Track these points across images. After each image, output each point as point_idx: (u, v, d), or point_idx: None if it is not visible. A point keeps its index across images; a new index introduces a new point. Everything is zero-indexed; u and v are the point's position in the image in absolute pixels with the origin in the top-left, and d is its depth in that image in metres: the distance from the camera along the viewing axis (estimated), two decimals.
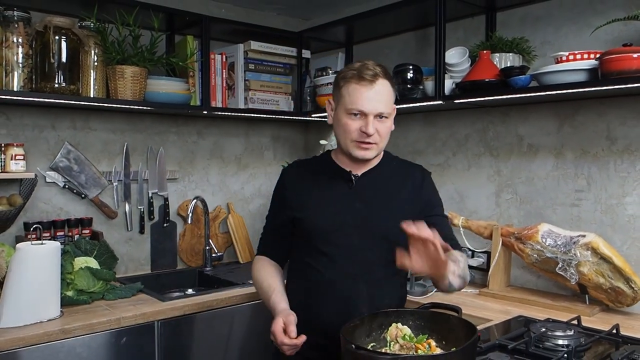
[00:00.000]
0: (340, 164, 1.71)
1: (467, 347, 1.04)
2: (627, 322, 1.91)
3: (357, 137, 1.59)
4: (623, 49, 1.82)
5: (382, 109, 1.59)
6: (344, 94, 1.60)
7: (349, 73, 1.60)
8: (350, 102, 1.58)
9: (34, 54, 2.24)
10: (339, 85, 1.63)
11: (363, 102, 1.56)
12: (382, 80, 1.59)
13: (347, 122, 1.59)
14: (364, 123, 1.58)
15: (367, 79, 1.56)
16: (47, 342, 1.88)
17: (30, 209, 2.49)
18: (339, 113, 1.63)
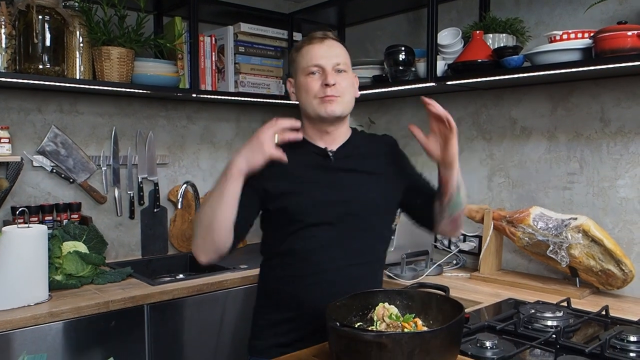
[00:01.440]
0: (312, 139, 1.63)
1: (453, 325, 1.02)
2: (616, 304, 1.90)
3: (319, 93, 1.55)
4: (617, 26, 1.80)
5: (338, 60, 1.57)
6: (297, 59, 1.60)
7: (300, 43, 1.63)
8: (305, 62, 1.57)
9: (17, 35, 2.20)
10: (293, 58, 1.64)
11: (317, 58, 1.55)
12: (333, 40, 1.60)
13: (307, 81, 1.57)
14: (324, 77, 1.55)
15: (317, 38, 1.58)
16: (35, 325, 1.86)
17: (18, 193, 2.46)
18: (298, 80, 1.60)
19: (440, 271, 2.42)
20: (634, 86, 2.06)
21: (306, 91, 1.57)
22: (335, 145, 1.63)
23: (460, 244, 2.55)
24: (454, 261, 2.54)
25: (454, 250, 2.55)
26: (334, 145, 1.63)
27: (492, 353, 1.39)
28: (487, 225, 2.32)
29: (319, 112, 1.56)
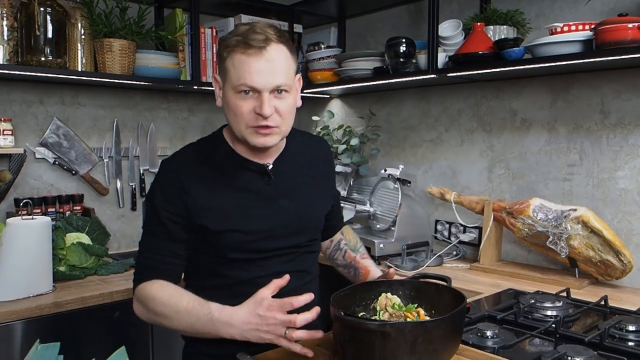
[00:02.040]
0: (243, 153, 1.38)
1: (455, 314, 1.04)
2: (615, 295, 1.92)
3: (252, 122, 1.27)
4: (618, 19, 1.80)
5: (279, 81, 1.26)
6: (228, 67, 1.27)
7: (233, 40, 1.26)
8: (237, 77, 1.25)
9: (19, 27, 2.20)
10: (223, 56, 1.29)
11: (252, 76, 1.24)
12: (276, 45, 1.26)
13: (237, 103, 1.27)
14: (258, 103, 1.26)
15: (254, 46, 1.24)
16: (40, 316, 1.88)
17: (21, 185, 2.47)
18: (226, 92, 1.29)
19: (440, 262, 2.44)
20: (634, 78, 2.07)
21: (235, 114, 1.29)
22: (272, 157, 1.41)
23: (461, 235, 2.57)
24: (454, 252, 2.56)
25: (454, 241, 2.57)
26: (270, 158, 1.41)
27: (492, 342, 1.40)
28: (487, 217, 2.33)
29: (249, 142, 1.31)
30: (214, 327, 1.21)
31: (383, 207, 2.60)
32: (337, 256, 1.68)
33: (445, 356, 1.08)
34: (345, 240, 1.69)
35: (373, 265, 1.63)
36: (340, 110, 3.21)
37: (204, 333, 1.24)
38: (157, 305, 1.30)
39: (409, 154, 2.87)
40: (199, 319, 1.22)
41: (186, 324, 1.25)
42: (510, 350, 1.36)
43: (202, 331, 1.23)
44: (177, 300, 1.26)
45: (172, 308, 1.26)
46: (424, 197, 2.77)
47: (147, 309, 1.33)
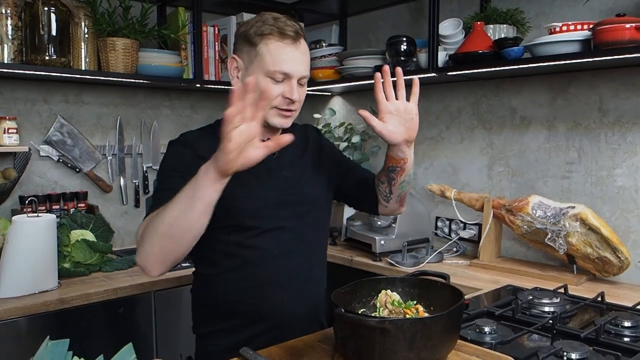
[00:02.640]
0: None
1: (453, 311, 1.07)
2: (612, 291, 1.95)
3: (279, 104, 1.38)
4: (616, 19, 1.82)
5: (307, 71, 1.41)
6: (263, 52, 1.36)
7: (267, 28, 1.36)
8: (273, 63, 1.35)
9: (23, 26, 2.22)
10: (253, 41, 1.37)
11: (289, 64, 1.36)
12: (303, 40, 1.41)
13: (268, 86, 1.35)
14: (288, 88, 1.37)
15: (290, 36, 1.36)
16: (46, 312, 1.91)
17: (25, 182, 2.50)
18: (255, 75, 1.36)
19: (440, 258, 2.47)
20: (632, 77, 2.09)
21: None
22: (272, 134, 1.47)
23: (461, 232, 2.59)
24: (454, 249, 2.59)
25: (454, 238, 2.60)
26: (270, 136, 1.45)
27: (490, 338, 1.43)
28: (486, 214, 2.36)
29: (271, 122, 1.41)
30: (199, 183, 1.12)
31: None
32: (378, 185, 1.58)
33: (444, 352, 1.10)
34: None
35: None
36: (342, 107, 3.24)
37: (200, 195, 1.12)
38: (151, 222, 1.20)
39: None
40: (182, 192, 1.14)
41: (176, 207, 1.14)
42: (507, 345, 1.39)
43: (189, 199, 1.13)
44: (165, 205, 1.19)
45: (162, 210, 1.18)
46: (425, 194, 2.79)
47: (144, 238, 1.22)
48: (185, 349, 2.24)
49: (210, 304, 1.50)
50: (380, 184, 1.55)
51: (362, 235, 2.58)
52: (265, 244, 1.44)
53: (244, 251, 1.43)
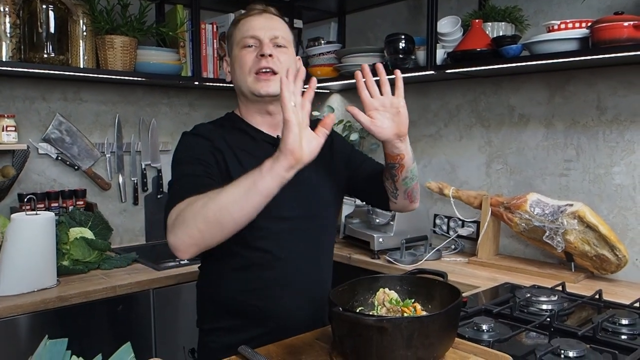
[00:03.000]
0: (257, 125, 1.49)
1: (450, 310, 1.07)
2: (610, 288, 1.95)
3: (253, 66, 1.41)
4: (614, 17, 1.82)
5: (277, 32, 1.44)
6: (234, 33, 1.47)
7: (238, 17, 1.50)
8: (240, 34, 1.44)
9: (22, 24, 2.22)
10: (229, 32, 1.51)
11: (254, 29, 1.43)
12: (273, 15, 1.49)
13: (241, 54, 1.43)
14: (259, 49, 1.41)
15: (256, 10, 1.48)
16: (45, 310, 1.92)
17: (24, 180, 2.50)
18: (233, 54, 1.46)
19: (438, 256, 2.47)
20: (630, 75, 2.10)
21: (240, 65, 1.43)
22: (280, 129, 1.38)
23: (459, 230, 2.60)
24: (453, 246, 2.59)
25: (453, 235, 2.60)
26: (279, 130, 1.39)
27: (488, 336, 1.43)
28: (485, 211, 2.36)
29: (253, 90, 1.42)
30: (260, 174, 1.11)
31: None
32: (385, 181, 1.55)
33: (441, 350, 1.11)
34: None
35: None
36: (340, 105, 3.24)
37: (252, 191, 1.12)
38: (195, 204, 1.18)
39: None
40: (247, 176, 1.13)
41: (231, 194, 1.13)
42: (505, 343, 1.39)
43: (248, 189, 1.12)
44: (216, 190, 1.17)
45: (212, 194, 1.16)
46: (423, 192, 2.78)
47: (184, 219, 1.19)
48: (185, 345, 2.25)
49: (214, 301, 1.51)
50: (385, 180, 1.53)
51: (360, 233, 2.59)
52: (272, 246, 1.43)
53: (250, 252, 1.43)
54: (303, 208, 1.48)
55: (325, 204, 1.55)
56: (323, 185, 1.54)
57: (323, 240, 1.56)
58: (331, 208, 1.59)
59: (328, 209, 1.57)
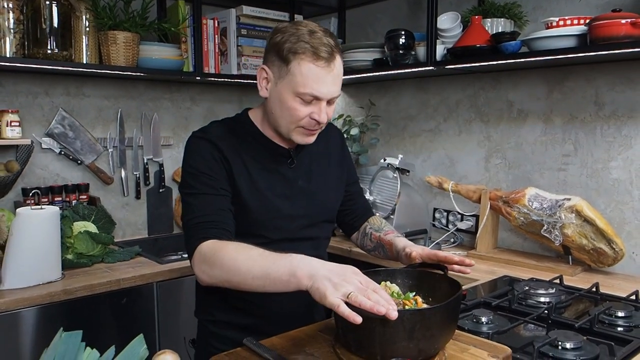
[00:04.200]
0: (270, 137, 1.47)
1: (451, 302, 1.10)
2: (607, 281, 1.98)
3: (305, 124, 1.37)
4: (611, 14, 1.84)
5: (338, 92, 1.37)
6: (294, 72, 1.32)
7: (301, 46, 1.31)
8: (303, 84, 1.32)
9: (25, 20, 2.24)
10: (285, 57, 1.33)
11: (320, 87, 1.32)
12: (338, 57, 1.35)
13: (296, 106, 1.35)
14: (317, 109, 1.35)
15: (324, 58, 1.31)
16: (50, 303, 1.94)
17: (28, 175, 2.52)
18: (282, 92, 1.35)
19: (438, 249, 2.50)
20: (627, 71, 2.12)
21: (290, 115, 1.36)
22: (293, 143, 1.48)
23: (458, 223, 2.63)
24: (452, 239, 2.62)
25: (452, 229, 2.63)
26: (292, 143, 1.48)
27: (487, 328, 1.47)
28: (483, 205, 2.39)
29: (293, 138, 1.41)
30: (291, 266, 1.11)
31: (382, 196, 2.66)
32: (366, 242, 1.69)
33: (442, 341, 1.13)
34: (370, 224, 1.70)
35: (396, 237, 1.60)
36: (341, 100, 3.26)
37: (275, 278, 1.13)
38: (225, 256, 1.22)
39: (408, 144, 2.92)
40: (275, 261, 1.14)
41: (260, 268, 1.15)
42: (503, 335, 1.42)
43: (275, 274, 1.13)
44: (247, 249, 1.22)
45: (243, 255, 1.20)
46: (423, 186, 2.82)
47: (212, 265, 1.24)
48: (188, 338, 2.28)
49: (211, 298, 1.53)
50: (369, 244, 1.67)
51: None
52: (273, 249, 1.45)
53: None
54: (308, 219, 1.50)
55: (328, 214, 1.58)
56: (328, 194, 1.57)
57: (323, 244, 1.60)
58: (333, 216, 1.62)
59: (330, 218, 1.60)
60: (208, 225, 1.33)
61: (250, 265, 1.17)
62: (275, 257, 1.15)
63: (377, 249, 1.66)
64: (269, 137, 1.47)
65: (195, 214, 1.36)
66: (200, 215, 1.35)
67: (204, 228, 1.32)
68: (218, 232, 1.32)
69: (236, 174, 1.41)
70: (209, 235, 1.31)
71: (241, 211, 1.42)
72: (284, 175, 1.47)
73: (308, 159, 1.53)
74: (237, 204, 1.41)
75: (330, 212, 1.60)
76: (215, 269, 1.24)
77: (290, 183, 1.48)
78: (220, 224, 1.34)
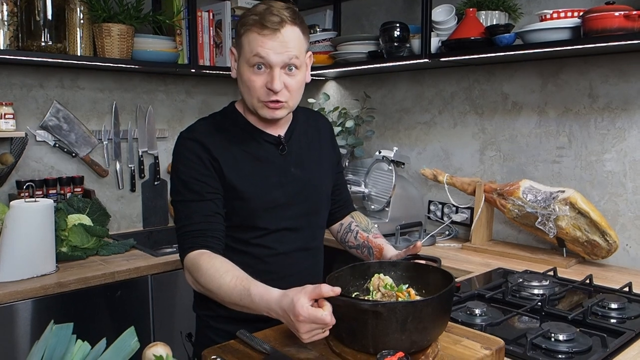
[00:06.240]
0: (257, 125, 1.48)
1: (444, 294, 1.10)
2: (600, 273, 1.99)
3: (263, 96, 1.38)
4: (605, 7, 1.85)
5: (291, 54, 1.36)
6: (244, 43, 1.37)
7: (250, 19, 1.35)
8: (250, 51, 1.35)
9: (19, 12, 2.22)
10: (239, 32, 1.39)
11: (265, 51, 1.34)
12: (290, 26, 1.36)
13: (250, 77, 1.37)
14: (270, 78, 1.36)
15: (269, 27, 1.33)
16: (44, 295, 1.94)
17: (22, 167, 2.52)
18: (240, 67, 1.40)
19: (433, 242, 2.51)
20: (621, 64, 2.12)
21: (248, 88, 1.39)
22: (283, 129, 1.51)
23: (453, 216, 2.63)
24: (447, 232, 2.63)
25: (447, 221, 2.64)
26: (281, 129, 1.51)
27: (481, 320, 1.48)
28: (478, 198, 2.40)
29: (259, 113, 1.42)
30: (257, 308, 1.19)
31: (377, 188, 2.66)
32: (349, 238, 1.71)
33: (435, 333, 1.14)
34: (356, 222, 1.72)
35: (386, 244, 1.65)
36: (336, 92, 3.25)
37: (249, 310, 1.22)
38: (202, 277, 1.29)
39: (403, 136, 2.92)
40: (242, 299, 1.21)
41: (229, 300, 1.25)
42: (497, 327, 1.43)
43: (246, 309, 1.22)
44: (221, 275, 1.26)
45: (216, 282, 1.26)
46: (418, 179, 2.83)
47: (195, 280, 1.34)
48: (182, 330, 2.28)
49: None
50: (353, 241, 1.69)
51: None
52: (271, 243, 1.47)
53: (250, 248, 1.46)
54: (303, 206, 1.51)
55: (322, 201, 1.59)
56: (321, 180, 1.58)
57: (319, 234, 1.60)
58: (326, 203, 1.63)
59: (324, 204, 1.61)
60: (195, 234, 1.37)
61: (222, 295, 1.26)
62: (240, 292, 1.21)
63: (362, 248, 1.68)
64: (255, 126, 1.48)
65: (183, 222, 1.39)
66: (187, 224, 1.38)
67: (191, 237, 1.37)
68: (205, 240, 1.36)
69: (227, 170, 1.41)
70: (194, 245, 1.35)
71: (238, 205, 1.42)
72: (276, 163, 1.48)
73: (298, 146, 1.53)
74: (233, 198, 1.42)
75: (325, 199, 1.60)
76: (199, 285, 1.33)
77: (284, 170, 1.48)
78: (207, 231, 1.37)
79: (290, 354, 1.15)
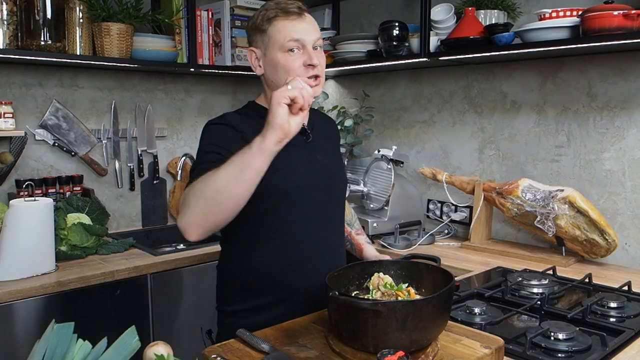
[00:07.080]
0: None
1: (443, 293, 1.10)
2: (600, 272, 2.00)
3: (302, 73, 1.44)
4: (604, 6, 1.85)
5: (318, 35, 1.48)
6: (273, 33, 1.45)
7: (272, 12, 1.46)
8: (284, 37, 1.43)
9: (19, 11, 2.22)
10: (263, 28, 1.47)
11: (299, 33, 1.44)
12: (307, 13, 1.49)
13: (287, 59, 1.44)
14: (306, 56, 1.45)
15: (294, 12, 1.45)
16: (44, 294, 1.94)
17: (21, 166, 2.52)
18: (272, 56, 1.46)
19: (432, 240, 2.51)
20: (620, 62, 2.13)
21: (287, 70, 1.44)
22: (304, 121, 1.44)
23: (452, 214, 2.64)
24: (446, 231, 2.63)
25: (446, 220, 2.64)
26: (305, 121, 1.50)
27: (480, 319, 1.48)
28: (477, 196, 2.40)
29: None
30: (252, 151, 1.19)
31: (376, 187, 2.66)
32: None
33: (435, 332, 1.14)
34: None
35: (367, 244, 1.72)
36: (335, 91, 3.25)
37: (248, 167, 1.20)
38: (195, 187, 1.27)
39: (402, 135, 2.92)
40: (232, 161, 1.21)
41: (226, 176, 1.22)
42: (496, 326, 1.44)
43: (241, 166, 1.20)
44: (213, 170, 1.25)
45: (209, 176, 1.24)
46: (417, 177, 2.83)
47: (188, 203, 1.28)
48: (182, 329, 2.29)
49: (236, 282, 1.55)
50: None
51: None
52: (297, 228, 1.50)
53: (275, 234, 1.50)
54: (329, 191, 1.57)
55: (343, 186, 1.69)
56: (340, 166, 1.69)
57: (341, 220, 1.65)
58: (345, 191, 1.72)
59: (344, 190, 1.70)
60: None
61: (220, 180, 1.22)
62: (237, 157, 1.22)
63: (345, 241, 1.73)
64: None
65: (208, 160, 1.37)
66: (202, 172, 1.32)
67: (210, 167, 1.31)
68: None
69: None
70: None
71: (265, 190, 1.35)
72: (303, 149, 1.53)
73: (319, 138, 1.60)
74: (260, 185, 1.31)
75: (345, 184, 1.69)
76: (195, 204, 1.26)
77: (311, 157, 1.54)
78: None
79: (290, 353, 1.15)
